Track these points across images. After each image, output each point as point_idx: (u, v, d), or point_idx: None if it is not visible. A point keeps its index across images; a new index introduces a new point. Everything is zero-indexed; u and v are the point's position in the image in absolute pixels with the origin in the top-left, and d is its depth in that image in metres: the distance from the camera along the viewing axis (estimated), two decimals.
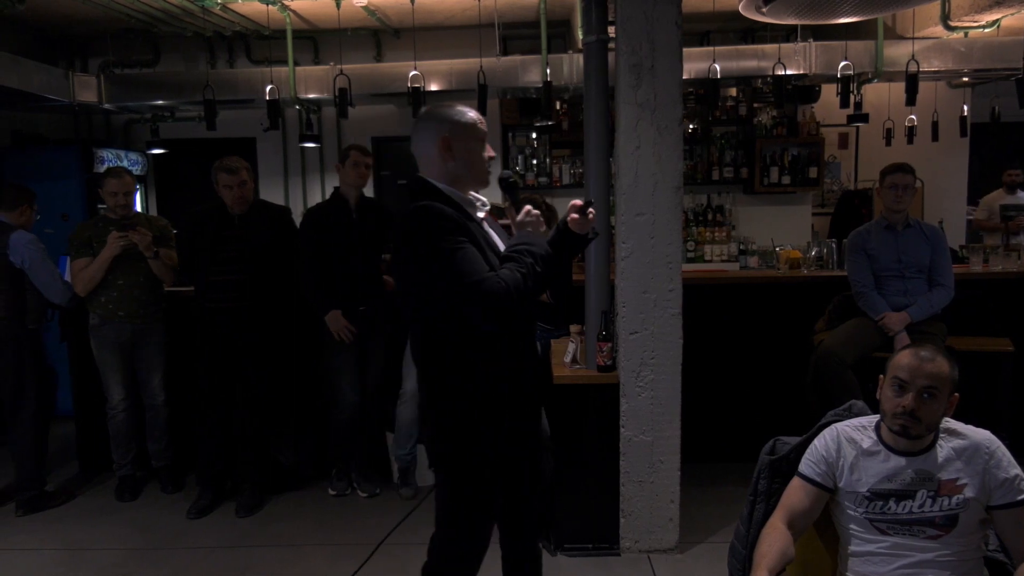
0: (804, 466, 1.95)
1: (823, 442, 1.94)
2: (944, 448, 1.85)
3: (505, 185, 2.08)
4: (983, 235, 6.30)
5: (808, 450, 1.96)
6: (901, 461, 1.85)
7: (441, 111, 2.00)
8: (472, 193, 2.02)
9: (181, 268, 3.82)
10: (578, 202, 1.93)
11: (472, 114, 1.99)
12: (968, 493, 1.80)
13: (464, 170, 1.97)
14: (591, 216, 1.93)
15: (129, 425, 3.89)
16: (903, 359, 1.86)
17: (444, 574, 2.07)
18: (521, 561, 2.25)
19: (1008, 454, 1.83)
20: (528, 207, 2.02)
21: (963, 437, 1.86)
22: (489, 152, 2.02)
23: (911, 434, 1.83)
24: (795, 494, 1.94)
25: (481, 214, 2.02)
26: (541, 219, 2.03)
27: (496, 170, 2.37)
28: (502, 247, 1.99)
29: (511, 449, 2.02)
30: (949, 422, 1.91)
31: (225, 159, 3.66)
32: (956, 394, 1.85)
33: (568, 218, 1.93)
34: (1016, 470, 1.81)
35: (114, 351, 3.81)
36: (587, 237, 1.96)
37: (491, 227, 2.06)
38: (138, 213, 3.97)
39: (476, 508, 2.02)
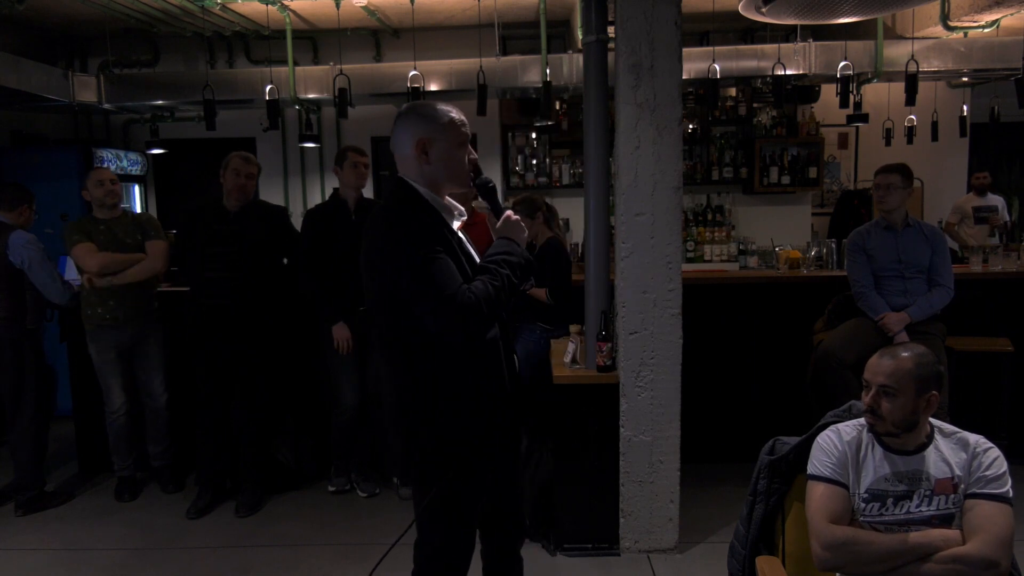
0: (821, 468, 1.88)
1: (828, 442, 1.91)
2: (939, 448, 1.86)
3: (484, 191, 1.96)
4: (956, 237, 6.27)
5: (818, 453, 1.91)
6: (896, 460, 1.85)
7: (421, 109, 1.88)
8: (449, 200, 1.93)
9: (176, 264, 3.80)
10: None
11: (453, 114, 1.88)
12: (962, 492, 1.81)
13: (440, 173, 1.87)
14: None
15: (129, 429, 3.88)
16: (872, 359, 1.91)
17: None
18: (504, 571, 2.20)
19: (1001, 457, 1.82)
20: (509, 212, 1.95)
21: (957, 438, 1.87)
22: (471, 154, 1.92)
23: (878, 431, 1.87)
24: (823, 502, 1.84)
25: (456, 224, 1.92)
26: (522, 224, 1.96)
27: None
28: (477, 258, 1.92)
29: (491, 452, 1.94)
30: (943, 425, 1.91)
31: (243, 152, 3.74)
32: (934, 393, 1.83)
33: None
34: (1003, 470, 1.80)
35: (114, 357, 3.79)
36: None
37: (465, 236, 1.97)
38: (124, 212, 3.93)
39: (458, 515, 1.93)
